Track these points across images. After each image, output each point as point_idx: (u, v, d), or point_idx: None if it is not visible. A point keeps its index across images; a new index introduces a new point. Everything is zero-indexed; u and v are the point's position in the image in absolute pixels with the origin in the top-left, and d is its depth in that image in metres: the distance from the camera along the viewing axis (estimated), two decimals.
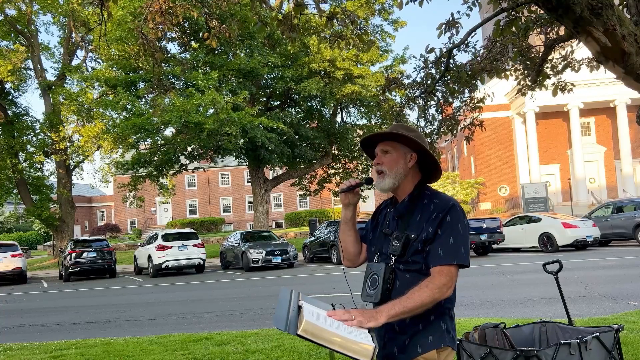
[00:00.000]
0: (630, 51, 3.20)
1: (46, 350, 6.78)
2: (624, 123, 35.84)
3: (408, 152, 2.12)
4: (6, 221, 57.31)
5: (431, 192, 2.10)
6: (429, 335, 1.98)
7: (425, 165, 2.16)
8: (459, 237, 1.96)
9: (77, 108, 27.44)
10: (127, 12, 21.25)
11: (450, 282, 1.93)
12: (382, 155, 2.14)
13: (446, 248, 1.94)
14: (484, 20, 6.32)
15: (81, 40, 30.45)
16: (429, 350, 1.96)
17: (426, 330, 1.98)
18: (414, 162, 2.12)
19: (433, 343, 1.97)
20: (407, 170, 2.12)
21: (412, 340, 1.99)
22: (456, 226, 1.97)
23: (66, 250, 21.32)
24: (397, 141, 2.13)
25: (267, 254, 19.19)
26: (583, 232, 18.33)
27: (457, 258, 1.93)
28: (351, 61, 24.58)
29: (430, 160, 2.14)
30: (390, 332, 2.04)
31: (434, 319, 1.98)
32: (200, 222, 54.25)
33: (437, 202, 2.03)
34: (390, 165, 2.11)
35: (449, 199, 2.04)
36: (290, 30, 4.75)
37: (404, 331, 2.00)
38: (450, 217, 1.97)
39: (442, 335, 1.99)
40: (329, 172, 31.47)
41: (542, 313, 7.24)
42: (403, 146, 2.13)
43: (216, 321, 8.66)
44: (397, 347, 2.02)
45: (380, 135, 2.17)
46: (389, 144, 2.14)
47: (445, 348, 1.99)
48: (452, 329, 2.04)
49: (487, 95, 8.30)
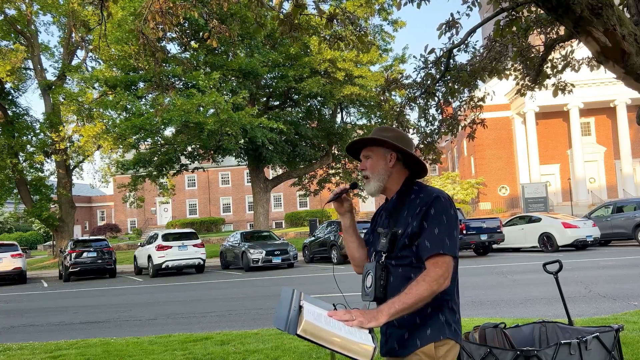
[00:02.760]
0: (630, 51, 3.20)
1: (46, 350, 6.78)
2: (624, 123, 35.84)
3: (387, 153, 2.15)
4: (6, 221, 57.30)
5: (419, 187, 2.12)
6: (428, 328, 1.97)
7: (412, 163, 2.17)
8: (443, 227, 1.96)
9: (77, 108, 27.44)
10: (127, 13, 21.25)
11: (447, 272, 1.92)
12: (364, 161, 2.20)
13: (432, 239, 1.95)
14: (484, 20, 6.32)
15: (81, 40, 30.45)
16: (427, 344, 1.96)
17: (424, 323, 1.97)
18: (394, 161, 2.14)
19: (431, 336, 1.96)
20: (389, 170, 2.15)
21: (411, 334, 1.99)
22: (440, 217, 1.97)
23: (66, 250, 21.31)
24: (377, 145, 2.17)
25: (267, 254, 19.18)
26: (583, 232, 18.33)
27: (444, 248, 1.93)
28: (351, 62, 24.58)
29: (411, 158, 2.15)
30: (391, 327, 2.05)
31: (430, 311, 1.97)
32: (200, 222, 54.24)
33: (421, 196, 2.05)
34: (373, 169, 2.16)
35: (433, 191, 2.05)
36: (292, 29, 4.76)
37: (402, 325, 2.00)
38: (434, 209, 1.98)
39: (440, 328, 1.97)
40: (329, 172, 31.44)
41: (542, 313, 7.23)
42: (382, 148, 2.16)
43: (216, 321, 8.66)
44: (397, 342, 2.03)
45: (358, 143, 2.22)
46: (369, 149, 2.19)
47: (445, 341, 1.97)
48: (453, 321, 2.01)
49: (487, 94, 8.30)
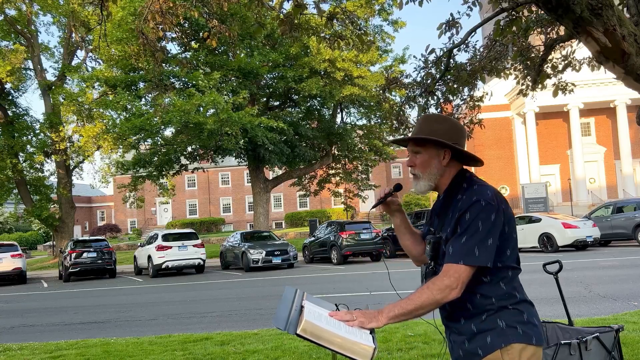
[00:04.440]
0: (630, 51, 3.19)
1: (46, 350, 6.78)
2: (624, 123, 35.85)
3: (440, 150, 1.97)
4: (6, 221, 57.26)
5: (467, 184, 1.94)
6: (487, 335, 1.85)
7: (463, 154, 2.00)
8: (476, 235, 1.80)
9: (77, 108, 27.42)
10: (127, 13, 21.25)
11: (455, 283, 1.80)
12: (413, 157, 2.02)
13: (457, 246, 1.82)
14: (484, 20, 6.32)
15: (81, 40, 30.42)
16: (491, 352, 1.83)
17: (481, 330, 1.86)
18: (448, 158, 1.97)
19: (493, 343, 1.83)
20: (442, 169, 1.98)
21: (471, 342, 1.88)
22: (474, 223, 1.81)
23: (66, 251, 21.32)
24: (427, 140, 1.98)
25: (267, 254, 19.18)
26: (583, 232, 18.33)
27: (465, 258, 1.80)
28: (351, 62, 24.57)
29: (465, 154, 1.99)
30: (453, 334, 1.96)
31: (486, 317, 1.86)
32: (200, 222, 54.23)
33: (464, 198, 1.88)
34: (423, 167, 1.98)
35: (475, 193, 1.87)
36: (291, 29, 4.75)
37: (462, 332, 1.91)
38: (469, 214, 1.83)
39: (502, 333, 1.83)
40: (329, 172, 31.44)
41: (542, 313, 7.16)
42: (434, 144, 1.97)
43: (216, 321, 8.66)
44: (461, 350, 1.92)
45: (406, 141, 2.06)
46: (419, 143, 2.00)
47: (511, 345, 1.82)
48: (519, 323, 1.85)
49: (485, 94, 8.30)
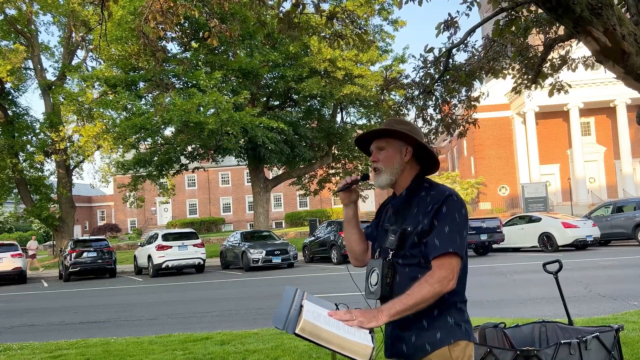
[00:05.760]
0: (630, 51, 3.19)
1: (46, 350, 6.78)
2: (624, 123, 35.84)
3: (403, 146, 2.09)
4: (6, 221, 57.27)
5: (429, 184, 2.06)
6: (437, 331, 1.92)
7: (423, 158, 2.12)
8: (454, 226, 1.92)
9: (77, 108, 27.42)
10: (128, 12, 21.25)
11: (451, 274, 1.87)
12: (377, 152, 2.12)
13: (442, 237, 1.90)
14: (484, 20, 6.33)
15: (81, 40, 30.46)
16: (439, 348, 1.91)
17: (432, 326, 1.93)
18: (409, 155, 2.09)
19: (442, 339, 1.91)
20: (404, 165, 2.09)
21: (419, 338, 1.93)
22: (452, 215, 1.93)
23: (66, 250, 21.31)
24: (392, 137, 2.10)
25: (267, 254, 19.18)
26: (583, 232, 18.33)
27: (453, 246, 1.88)
28: (351, 61, 24.57)
29: (427, 152, 2.10)
30: (396, 329, 2.00)
31: (437, 314, 1.93)
32: (200, 222, 54.25)
33: (433, 194, 1.99)
34: (386, 162, 2.09)
35: (445, 189, 2.00)
36: (290, 28, 4.75)
37: (408, 328, 1.96)
38: (446, 207, 1.94)
39: (450, 330, 1.92)
40: (329, 172, 31.45)
41: (542, 313, 7.23)
42: (398, 141, 2.09)
43: (216, 321, 8.66)
44: (405, 345, 1.97)
45: (373, 133, 2.14)
46: (383, 140, 2.11)
47: (457, 342, 1.92)
48: (463, 321, 1.97)
49: (482, 94, 8.31)
